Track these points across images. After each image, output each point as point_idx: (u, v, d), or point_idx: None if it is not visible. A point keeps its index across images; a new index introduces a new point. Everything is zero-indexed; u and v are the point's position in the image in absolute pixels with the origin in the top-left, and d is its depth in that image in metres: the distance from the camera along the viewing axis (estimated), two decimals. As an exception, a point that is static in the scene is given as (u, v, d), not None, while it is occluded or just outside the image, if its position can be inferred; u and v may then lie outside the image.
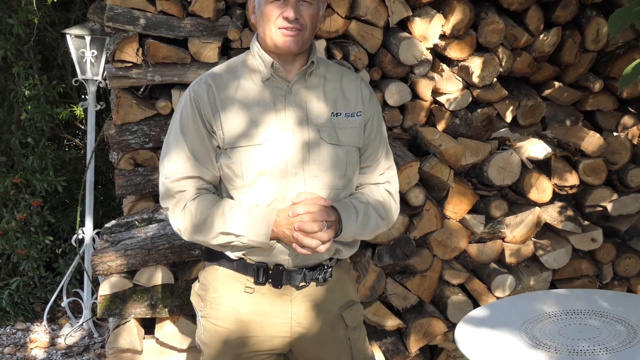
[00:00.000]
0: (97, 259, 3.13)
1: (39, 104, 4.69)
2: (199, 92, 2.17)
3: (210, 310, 2.25)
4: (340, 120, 2.20)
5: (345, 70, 2.32)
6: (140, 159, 3.42)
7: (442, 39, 3.47)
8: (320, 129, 2.17)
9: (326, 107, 2.20)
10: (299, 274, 2.19)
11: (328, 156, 2.17)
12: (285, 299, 2.21)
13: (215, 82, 2.19)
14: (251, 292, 2.20)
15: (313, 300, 2.24)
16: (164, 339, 3.22)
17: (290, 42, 2.11)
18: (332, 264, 2.26)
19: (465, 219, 3.40)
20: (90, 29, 4.26)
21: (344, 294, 2.32)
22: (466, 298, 3.42)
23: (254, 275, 2.18)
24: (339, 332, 2.30)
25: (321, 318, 2.26)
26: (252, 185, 2.13)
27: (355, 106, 2.24)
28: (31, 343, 4.45)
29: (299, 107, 2.17)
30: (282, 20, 2.10)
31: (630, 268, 3.65)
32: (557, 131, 3.64)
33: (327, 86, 2.22)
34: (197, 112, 2.16)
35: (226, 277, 2.22)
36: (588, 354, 2.37)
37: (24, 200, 4.77)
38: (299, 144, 2.14)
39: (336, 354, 2.30)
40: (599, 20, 3.62)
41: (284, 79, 2.17)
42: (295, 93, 2.18)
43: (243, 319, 2.21)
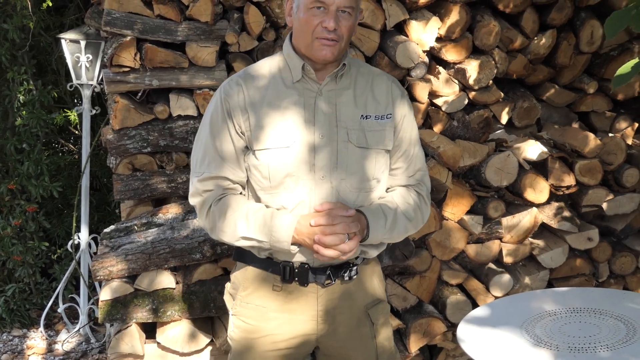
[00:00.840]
0: (98, 264, 3.13)
1: (33, 110, 4.68)
2: (230, 92, 2.18)
3: (240, 308, 2.29)
4: (369, 123, 2.21)
5: (376, 71, 2.32)
6: (139, 163, 3.42)
7: (439, 41, 3.49)
8: (349, 132, 2.17)
9: (356, 110, 2.20)
10: (325, 272, 2.21)
11: (356, 159, 2.18)
12: (311, 297, 2.23)
13: (246, 82, 2.19)
14: (279, 290, 2.23)
15: (339, 298, 2.26)
16: (165, 343, 3.22)
17: (327, 52, 2.12)
18: (358, 263, 2.28)
19: (464, 219, 3.43)
20: (85, 34, 4.26)
21: (370, 292, 2.34)
22: (465, 298, 3.45)
23: (281, 274, 2.21)
24: (365, 330, 2.32)
25: (347, 315, 2.28)
26: (279, 187, 2.15)
27: (386, 108, 2.24)
28: (28, 350, 4.44)
29: (328, 110, 2.17)
30: (321, 30, 2.10)
31: (626, 266, 3.69)
32: (553, 132, 3.67)
33: (357, 88, 2.22)
34: (226, 113, 2.17)
35: (255, 276, 2.25)
36: (589, 352, 2.39)
37: (20, 206, 4.76)
38: (327, 146, 2.15)
39: (361, 352, 2.33)
40: (593, 22, 3.65)
41: (314, 81, 2.18)
42: (326, 95, 2.18)
43: (271, 317, 2.25)
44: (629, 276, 3.73)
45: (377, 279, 2.39)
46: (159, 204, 3.52)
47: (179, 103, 3.35)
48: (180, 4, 3.35)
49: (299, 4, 2.13)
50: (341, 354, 2.32)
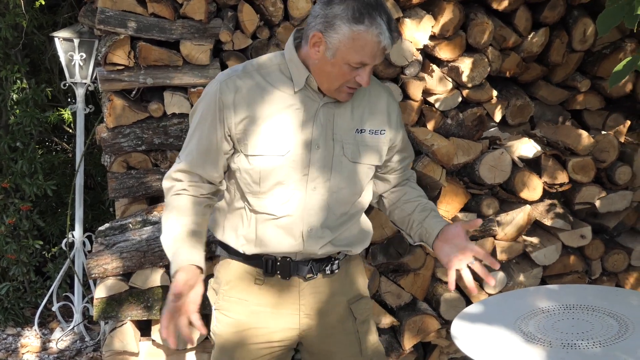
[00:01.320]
0: (93, 262, 3.14)
1: (27, 108, 4.68)
2: (226, 91, 2.11)
3: (222, 302, 2.29)
4: (364, 137, 2.20)
5: (373, 80, 2.27)
6: (133, 161, 3.43)
7: (432, 39, 3.51)
8: (344, 145, 2.16)
9: (351, 123, 2.18)
10: (306, 266, 2.21)
11: (349, 174, 2.19)
12: (293, 291, 2.24)
13: (246, 83, 2.12)
14: (261, 284, 2.23)
15: (321, 292, 2.27)
16: (160, 340, 3.23)
17: (348, 98, 2.13)
18: (340, 257, 2.29)
19: (457, 217, 3.44)
20: (79, 32, 4.25)
21: (353, 288, 2.35)
22: (458, 295, 3.46)
23: (263, 267, 2.21)
24: (348, 325, 2.32)
25: (329, 310, 2.29)
26: (268, 193, 2.14)
27: (381, 123, 2.23)
28: (22, 348, 4.44)
29: (326, 121, 2.14)
30: (353, 82, 2.07)
31: (619, 263, 3.71)
32: (546, 130, 3.69)
33: (355, 100, 2.19)
34: (217, 114, 2.12)
35: (237, 270, 2.25)
36: (582, 348, 2.41)
37: (13, 205, 4.75)
38: (322, 158, 2.14)
39: (345, 347, 2.33)
40: (586, 20, 3.67)
41: (316, 92, 2.13)
42: (325, 107, 2.15)
43: (253, 310, 2.25)
44: (622, 273, 3.75)
45: (360, 275, 2.40)
46: (154, 202, 3.52)
47: (173, 101, 3.36)
48: (174, 3, 3.35)
49: (336, 52, 2.03)
50: (324, 349, 2.33)
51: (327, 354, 2.34)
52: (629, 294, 3.11)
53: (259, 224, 2.17)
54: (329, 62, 2.05)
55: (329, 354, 2.34)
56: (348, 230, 2.24)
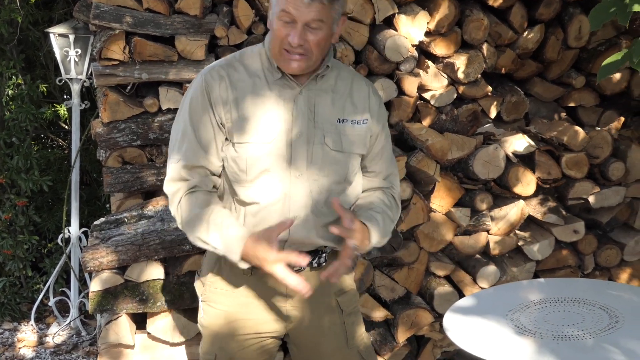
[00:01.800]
0: (88, 255, 3.15)
1: (23, 104, 4.69)
2: (211, 82, 2.16)
3: (209, 294, 2.31)
4: (345, 127, 2.22)
5: (356, 75, 2.34)
6: (128, 156, 3.44)
7: (428, 36, 3.52)
8: (325, 134, 2.19)
9: (333, 112, 2.21)
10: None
11: (330, 162, 2.20)
12: (281, 283, 2.25)
13: (229, 74, 2.17)
14: (249, 275, 2.25)
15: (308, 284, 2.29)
16: (155, 333, 3.25)
17: (294, 66, 2.12)
18: (327, 251, 2.31)
19: (451, 212, 3.46)
20: (74, 28, 4.26)
21: (340, 280, 2.36)
22: (452, 289, 3.48)
23: None
24: (334, 317, 2.35)
25: (316, 302, 2.31)
26: (255, 182, 2.16)
27: (362, 114, 2.26)
28: (19, 342, 4.45)
29: (307, 110, 2.18)
30: (287, 43, 2.09)
31: (611, 259, 3.73)
32: (541, 126, 3.71)
33: (336, 91, 2.23)
34: (207, 102, 2.15)
35: (225, 262, 2.26)
36: (573, 339, 2.43)
37: (9, 200, 4.76)
38: (304, 146, 2.17)
39: (332, 338, 2.35)
40: (581, 17, 3.68)
41: (294, 80, 2.17)
42: (306, 95, 2.18)
43: (241, 302, 2.27)
44: (614, 268, 3.77)
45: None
46: (149, 197, 3.53)
47: (169, 96, 3.36)
48: (170, -3, 3.37)
49: (275, 11, 2.11)
50: (311, 341, 2.35)
51: (314, 346, 2.36)
52: (620, 287, 3.14)
53: (247, 216, 2.19)
54: (271, 26, 2.13)
55: (316, 345, 2.36)
56: (334, 223, 2.22)
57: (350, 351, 2.39)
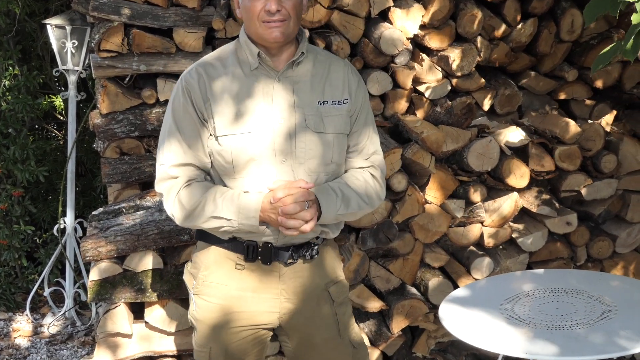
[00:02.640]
0: (87, 244, 3.18)
1: (19, 95, 4.70)
2: (190, 81, 2.24)
3: (202, 287, 2.33)
4: (326, 108, 2.27)
5: (333, 57, 2.39)
6: (126, 147, 3.46)
7: (422, 29, 3.54)
8: (306, 117, 2.24)
9: (313, 96, 2.26)
10: (287, 251, 2.28)
11: (314, 144, 2.25)
12: (274, 275, 2.30)
13: (207, 71, 2.25)
14: (242, 269, 2.29)
15: (301, 277, 2.33)
16: (153, 322, 3.28)
17: (277, 34, 2.17)
18: (319, 242, 2.35)
19: (446, 203, 3.49)
20: (71, 19, 4.26)
21: (330, 271, 2.41)
22: (446, 280, 3.51)
23: (244, 253, 2.26)
24: (326, 308, 2.39)
25: (308, 294, 2.35)
26: (242, 172, 2.21)
27: (342, 94, 2.31)
28: (14, 332, 4.47)
29: (287, 96, 2.23)
30: (265, 14, 2.15)
31: (603, 250, 3.77)
32: (534, 119, 3.74)
33: (315, 74, 2.29)
34: (189, 101, 2.22)
35: (217, 255, 2.31)
36: (566, 329, 2.47)
37: (5, 191, 4.78)
38: (285, 131, 2.21)
39: (323, 329, 2.39)
40: (574, 11, 3.71)
41: (272, 68, 2.23)
42: (284, 82, 2.24)
43: (234, 295, 2.30)
44: (606, 260, 3.81)
45: (336, 259, 2.47)
46: (147, 188, 3.56)
47: (167, 88, 3.38)
48: (168, -10, 3.38)
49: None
50: (304, 332, 2.39)
51: (306, 336, 2.40)
52: (612, 278, 3.18)
53: None
54: (244, 8, 2.20)
55: (308, 336, 2.39)
56: None
57: (342, 341, 2.43)
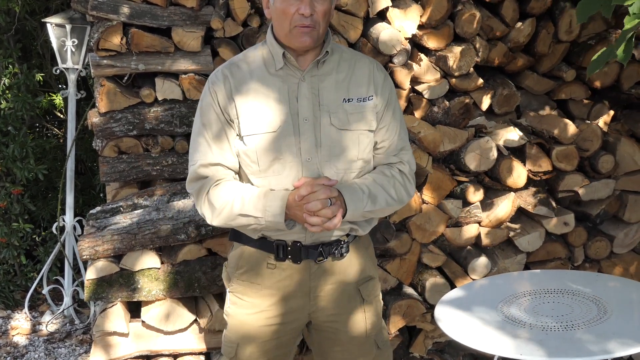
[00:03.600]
0: (84, 243, 3.19)
1: (19, 93, 4.70)
2: (217, 82, 2.28)
3: (235, 285, 2.39)
4: (352, 105, 2.28)
5: (359, 55, 2.40)
6: (124, 146, 3.47)
7: (420, 29, 3.55)
8: (331, 115, 2.25)
9: (338, 94, 2.27)
10: (316, 250, 2.29)
11: (339, 141, 2.26)
12: (304, 274, 2.32)
13: (232, 72, 2.28)
14: (273, 268, 2.32)
15: (331, 275, 2.35)
16: (150, 322, 3.28)
17: (306, 39, 2.19)
18: (349, 240, 2.36)
19: (443, 203, 3.50)
20: (71, 18, 4.27)
21: (361, 269, 2.42)
22: (444, 280, 3.52)
23: (274, 252, 2.30)
24: (356, 306, 2.41)
25: (338, 291, 2.37)
26: (268, 170, 2.24)
27: (367, 90, 2.31)
28: (13, 330, 4.48)
29: (311, 95, 2.25)
30: (298, 17, 2.17)
31: (601, 251, 3.77)
32: (531, 119, 3.75)
33: (339, 72, 2.30)
34: (215, 102, 2.26)
35: (249, 255, 2.35)
36: (561, 330, 2.48)
37: (5, 189, 4.78)
38: (311, 130, 2.23)
39: (351, 327, 2.41)
40: (572, 12, 3.71)
41: (297, 67, 2.25)
42: (309, 81, 2.26)
43: (265, 293, 2.34)
44: (604, 260, 3.81)
45: (368, 256, 2.46)
46: (145, 186, 3.57)
47: (165, 87, 3.40)
48: (166, -11, 3.39)
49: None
50: (332, 328, 2.41)
51: (334, 332, 2.42)
52: (608, 278, 3.18)
53: None
54: (275, 10, 2.21)
55: (335, 331, 2.42)
56: None
57: (367, 340, 2.45)
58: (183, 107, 3.42)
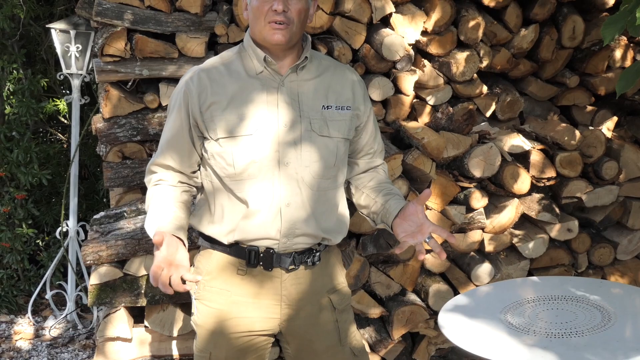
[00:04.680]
0: (88, 248, 3.19)
1: (23, 98, 4.72)
2: (190, 86, 2.25)
3: (203, 292, 2.33)
4: (330, 112, 2.28)
5: (337, 63, 2.41)
6: (128, 151, 3.47)
7: (424, 35, 3.56)
8: (311, 121, 2.24)
9: (317, 100, 2.27)
10: (289, 257, 2.27)
11: (318, 147, 2.25)
12: (275, 281, 2.29)
13: (209, 75, 2.26)
14: (243, 275, 2.28)
15: (302, 283, 2.32)
16: (153, 327, 3.29)
17: (279, 36, 2.18)
18: (321, 249, 2.34)
19: (447, 209, 3.49)
20: (75, 24, 4.29)
21: (332, 278, 2.40)
22: (447, 286, 3.52)
23: (246, 258, 2.26)
24: (327, 314, 2.37)
25: (310, 300, 2.34)
26: (243, 174, 2.21)
27: (346, 99, 2.32)
28: (16, 335, 4.48)
29: (291, 100, 2.24)
30: (271, 14, 2.17)
31: (604, 257, 3.77)
32: (535, 125, 3.75)
33: (319, 79, 2.30)
34: (183, 106, 2.25)
35: (219, 260, 2.30)
36: (565, 337, 2.47)
37: (9, 194, 4.79)
38: (290, 134, 2.22)
39: (324, 336, 2.37)
40: (575, 17, 3.72)
41: (276, 72, 2.25)
42: (288, 86, 2.25)
43: (235, 300, 2.29)
44: (607, 267, 3.81)
45: (338, 265, 2.46)
46: (148, 192, 3.57)
47: (169, 93, 3.40)
48: (171, -5, 3.40)
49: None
50: (304, 338, 2.37)
51: (307, 343, 2.38)
52: (612, 285, 3.16)
53: (241, 206, 2.24)
54: (251, 9, 2.22)
55: (308, 342, 2.38)
56: (327, 212, 2.29)
57: (343, 349, 2.41)
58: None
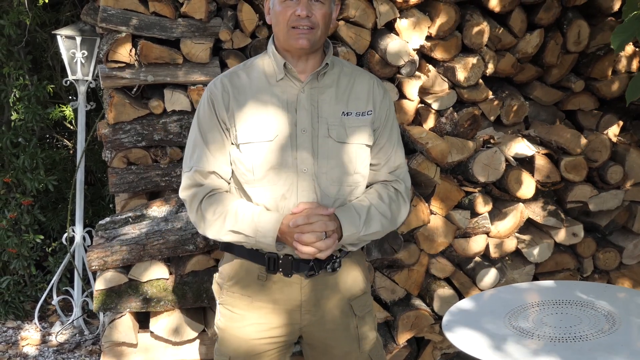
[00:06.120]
0: (93, 254, 3.20)
1: (29, 104, 4.73)
2: (214, 91, 2.28)
3: (226, 297, 2.36)
4: (350, 119, 2.28)
5: (359, 70, 2.41)
6: (133, 157, 3.48)
7: (429, 40, 3.56)
8: (330, 127, 2.25)
9: (337, 107, 2.27)
10: (308, 264, 2.27)
11: (336, 154, 2.26)
12: (295, 287, 2.30)
13: (231, 81, 2.29)
14: (264, 281, 2.30)
15: (322, 289, 2.33)
16: (158, 332, 3.29)
17: (303, 41, 2.19)
18: (341, 256, 2.34)
19: (451, 214, 3.49)
20: (81, 30, 4.30)
21: (353, 284, 2.40)
22: (452, 291, 3.51)
23: (266, 265, 2.28)
24: (347, 321, 2.38)
25: (330, 306, 2.35)
26: (263, 180, 2.23)
27: (366, 105, 2.31)
28: (22, 341, 4.49)
29: (310, 106, 2.25)
30: (294, 19, 2.18)
31: (610, 262, 3.76)
32: (540, 130, 3.74)
33: (339, 86, 2.30)
34: (213, 111, 2.27)
35: (240, 267, 2.33)
36: (569, 342, 2.46)
37: (15, 200, 4.81)
38: (309, 141, 2.23)
39: (344, 342, 2.38)
40: (580, 22, 3.72)
41: (297, 79, 2.26)
42: (308, 93, 2.26)
43: (256, 306, 2.31)
44: (613, 271, 3.80)
45: (360, 271, 2.44)
46: (153, 197, 3.58)
47: (174, 98, 3.41)
48: (175, 2, 3.41)
49: (274, 0, 2.24)
50: (324, 344, 2.38)
51: (327, 348, 2.39)
52: (617, 289, 3.16)
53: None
54: (275, 14, 2.23)
55: (328, 347, 2.39)
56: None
57: (361, 355, 2.42)
58: (191, 118, 3.42)
